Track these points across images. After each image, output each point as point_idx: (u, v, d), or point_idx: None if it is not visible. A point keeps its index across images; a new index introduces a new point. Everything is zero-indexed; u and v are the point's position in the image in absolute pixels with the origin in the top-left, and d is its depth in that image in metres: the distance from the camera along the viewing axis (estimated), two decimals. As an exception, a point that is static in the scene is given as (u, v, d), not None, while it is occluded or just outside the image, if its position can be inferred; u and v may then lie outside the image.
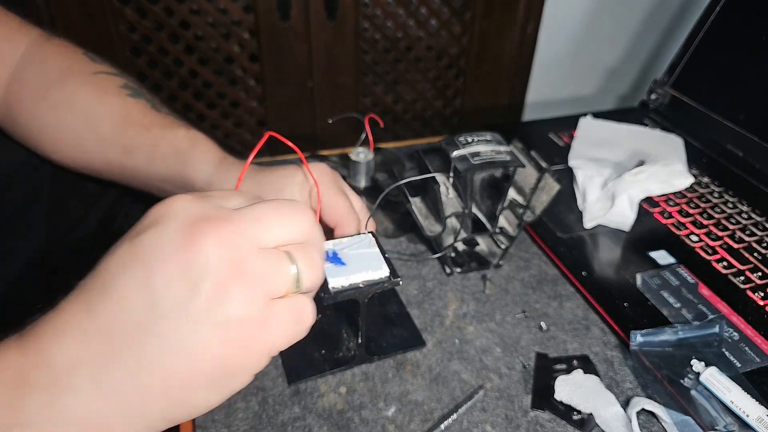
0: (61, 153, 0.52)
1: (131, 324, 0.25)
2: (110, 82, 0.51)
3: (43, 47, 0.51)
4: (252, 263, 0.26)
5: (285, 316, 0.28)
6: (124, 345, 0.25)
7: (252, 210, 0.28)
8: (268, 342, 0.27)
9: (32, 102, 0.50)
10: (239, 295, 0.25)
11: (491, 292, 0.53)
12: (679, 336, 0.46)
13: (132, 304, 0.25)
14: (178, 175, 0.48)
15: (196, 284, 0.25)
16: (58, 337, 0.25)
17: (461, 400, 0.43)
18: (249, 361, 0.27)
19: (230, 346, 0.26)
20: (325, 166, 0.46)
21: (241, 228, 0.26)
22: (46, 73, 0.50)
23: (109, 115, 0.50)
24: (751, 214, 0.62)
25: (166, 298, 0.25)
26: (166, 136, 0.49)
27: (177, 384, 0.26)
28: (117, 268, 0.26)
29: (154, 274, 0.25)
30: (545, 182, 0.50)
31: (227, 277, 0.25)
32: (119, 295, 0.25)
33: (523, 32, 1.22)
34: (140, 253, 0.25)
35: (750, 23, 0.71)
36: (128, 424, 0.26)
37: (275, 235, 0.28)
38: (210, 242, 0.25)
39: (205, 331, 0.25)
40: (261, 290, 0.26)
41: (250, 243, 0.27)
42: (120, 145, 0.49)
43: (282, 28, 1.07)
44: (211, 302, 0.25)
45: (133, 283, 0.25)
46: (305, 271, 0.28)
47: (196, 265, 0.25)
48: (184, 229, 0.26)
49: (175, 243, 0.25)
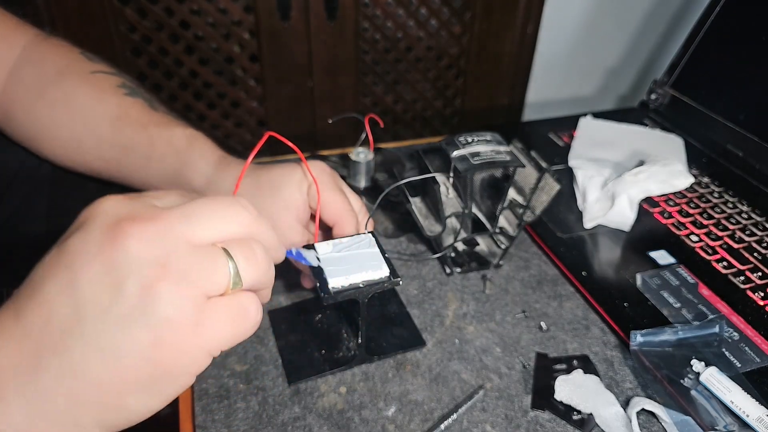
0: (59, 152, 0.52)
1: (56, 329, 0.24)
2: (107, 81, 0.51)
3: (40, 47, 0.51)
4: (181, 261, 0.25)
5: (224, 315, 0.27)
6: (51, 351, 0.24)
7: (184, 207, 0.27)
8: (205, 342, 0.26)
9: (29, 101, 0.50)
10: (167, 294, 0.25)
11: (491, 292, 0.53)
12: (679, 336, 0.46)
13: (57, 309, 0.24)
14: (176, 175, 0.48)
15: (120, 285, 0.24)
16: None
17: (461, 400, 0.43)
18: (185, 363, 0.26)
19: (162, 349, 0.25)
20: (323, 164, 0.46)
21: (168, 225, 0.26)
22: (42, 72, 0.50)
23: (106, 114, 0.49)
24: (751, 214, 0.62)
25: (90, 300, 0.24)
26: (163, 135, 0.49)
27: (107, 389, 0.25)
28: (44, 273, 0.25)
29: (78, 277, 0.24)
30: (545, 182, 0.50)
31: (153, 276, 0.24)
32: (44, 300, 0.25)
33: (523, 32, 1.22)
34: (65, 256, 0.25)
35: (750, 23, 0.71)
36: (60, 431, 0.25)
37: (209, 231, 0.27)
38: (133, 241, 0.25)
39: (133, 333, 0.24)
40: (192, 288, 0.25)
41: (178, 240, 0.26)
42: (117, 144, 0.49)
43: (282, 28, 1.07)
44: (137, 304, 0.24)
45: (57, 288, 0.25)
46: (245, 266, 0.27)
47: (120, 265, 0.24)
48: (107, 229, 0.25)
49: (97, 244, 0.25)
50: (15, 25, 0.51)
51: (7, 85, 0.50)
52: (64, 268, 0.25)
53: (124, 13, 1.01)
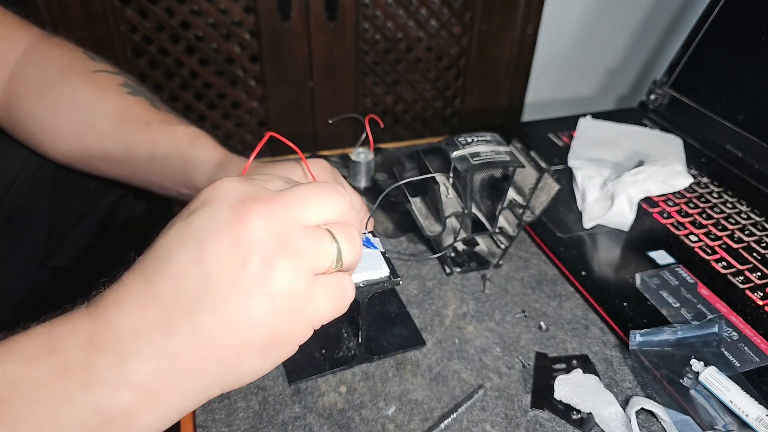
0: (62, 150, 0.52)
1: (186, 295, 0.26)
2: (110, 80, 0.51)
3: (42, 46, 0.51)
4: (297, 239, 0.28)
5: (328, 291, 0.30)
6: (180, 314, 0.26)
7: (294, 191, 0.30)
8: (312, 314, 0.29)
9: (32, 99, 0.50)
10: (285, 268, 0.27)
11: (491, 292, 0.53)
12: (679, 336, 0.46)
13: (186, 277, 0.27)
14: (178, 172, 0.49)
15: (245, 258, 0.27)
16: (121, 306, 0.27)
17: (461, 400, 0.43)
18: (295, 332, 0.29)
19: (278, 317, 0.27)
20: (323, 162, 0.46)
21: (285, 207, 0.28)
22: (45, 70, 0.50)
23: (108, 112, 0.50)
24: (750, 214, 0.62)
25: (218, 271, 0.26)
26: (165, 133, 0.49)
27: (230, 352, 0.27)
28: (172, 244, 0.28)
29: (206, 249, 0.27)
30: (545, 182, 0.50)
31: (274, 251, 0.27)
32: (174, 268, 0.27)
33: (523, 33, 1.23)
34: (193, 229, 0.27)
35: (749, 24, 0.71)
36: (185, 387, 0.27)
37: (316, 214, 0.30)
38: (258, 219, 0.27)
39: (255, 302, 0.27)
40: (306, 264, 0.28)
41: (294, 221, 0.28)
42: (120, 142, 0.50)
43: (282, 28, 1.07)
44: (259, 275, 0.27)
45: (187, 258, 0.27)
46: (346, 248, 0.30)
47: (245, 240, 0.27)
48: (233, 207, 0.27)
49: (225, 220, 0.27)
50: (17, 24, 0.51)
51: (10, 83, 0.50)
52: (193, 240, 0.27)
53: (125, 14, 1.02)
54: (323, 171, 0.45)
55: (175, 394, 0.27)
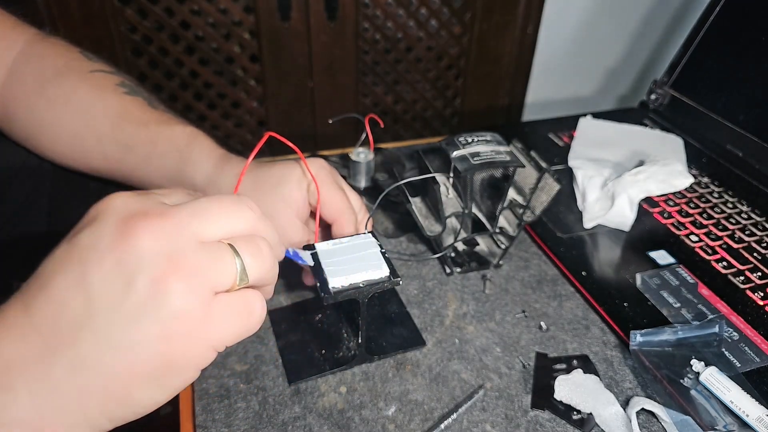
0: (60, 150, 0.52)
1: (67, 322, 0.25)
2: (107, 80, 0.51)
3: (39, 46, 0.51)
4: (191, 257, 0.26)
5: (230, 310, 0.27)
6: (60, 344, 0.25)
7: (192, 204, 0.28)
8: (211, 336, 0.27)
9: (29, 100, 0.50)
10: (177, 289, 0.25)
11: (491, 292, 0.53)
12: (679, 336, 0.46)
13: (67, 303, 0.25)
14: (176, 172, 0.48)
15: (131, 280, 0.25)
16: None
17: (461, 400, 0.43)
18: (192, 357, 0.27)
19: (170, 342, 0.26)
20: (323, 161, 0.46)
21: (178, 222, 0.26)
22: (42, 70, 0.50)
23: (106, 112, 0.50)
24: (750, 214, 0.62)
25: (102, 295, 0.25)
26: (163, 133, 0.49)
27: (116, 382, 0.25)
28: (54, 267, 0.26)
29: (89, 271, 0.25)
30: (545, 182, 0.50)
31: (164, 271, 0.25)
32: (55, 294, 0.25)
33: (523, 32, 1.23)
34: (76, 251, 0.26)
35: (750, 24, 0.71)
36: (69, 424, 0.26)
37: (216, 228, 0.28)
38: (144, 237, 0.25)
39: (143, 327, 0.25)
40: (201, 284, 0.26)
41: (188, 236, 0.26)
42: (118, 142, 0.49)
43: (282, 28, 1.07)
44: (147, 298, 0.25)
45: (68, 282, 0.25)
46: (251, 263, 0.28)
47: (131, 260, 0.25)
48: (118, 225, 0.25)
49: (109, 239, 0.25)
50: (14, 24, 0.51)
51: (7, 84, 0.50)
52: (75, 262, 0.25)
53: (125, 14, 1.01)
54: (322, 170, 0.45)
55: (60, 429, 0.25)
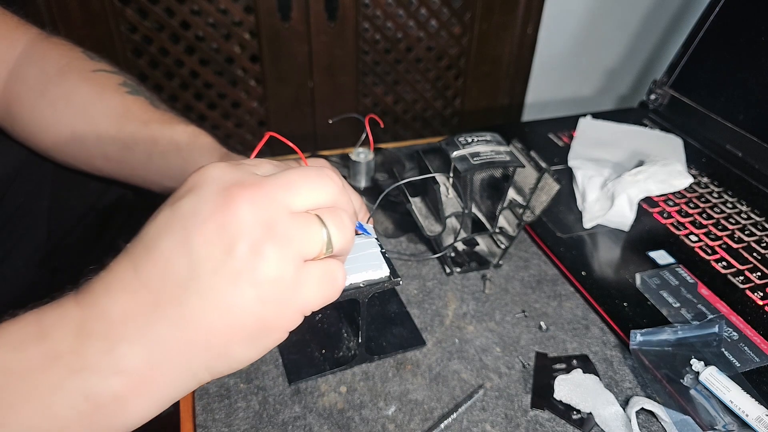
0: (61, 150, 0.52)
1: (173, 282, 0.26)
2: (109, 79, 0.51)
3: (41, 45, 0.51)
4: (284, 225, 0.28)
5: (317, 278, 0.29)
6: (167, 301, 0.26)
7: (282, 176, 0.29)
8: (300, 301, 0.29)
9: (31, 99, 0.50)
10: (273, 255, 0.27)
11: (491, 292, 0.53)
12: (679, 335, 0.46)
13: (173, 264, 0.26)
14: (178, 171, 0.49)
15: (231, 245, 0.26)
16: (110, 293, 0.27)
17: (461, 400, 0.43)
18: (284, 319, 0.29)
19: (266, 304, 0.27)
20: (323, 161, 0.46)
21: (272, 192, 0.28)
22: (44, 70, 0.50)
23: (107, 111, 0.50)
24: (750, 214, 0.62)
25: (204, 258, 0.26)
26: (165, 132, 0.49)
27: (217, 338, 0.27)
28: (158, 230, 0.27)
29: (192, 236, 0.26)
30: (545, 182, 0.50)
31: (261, 238, 0.27)
32: (161, 255, 0.27)
33: (523, 33, 1.23)
34: (179, 216, 0.27)
35: (750, 24, 0.71)
36: (175, 372, 0.27)
37: (305, 199, 0.29)
38: (244, 205, 0.27)
39: (242, 289, 0.27)
40: (294, 251, 0.28)
41: (281, 207, 0.28)
42: (119, 141, 0.50)
43: (282, 28, 1.07)
44: (246, 262, 0.26)
45: (173, 245, 0.27)
46: (336, 233, 0.30)
47: (231, 227, 0.26)
48: (219, 193, 0.27)
49: (211, 207, 0.27)
50: (16, 24, 0.51)
51: (9, 83, 0.50)
52: (178, 227, 0.27)
53: (125, 14, 1.02)
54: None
55: (166, 379, 0.27)
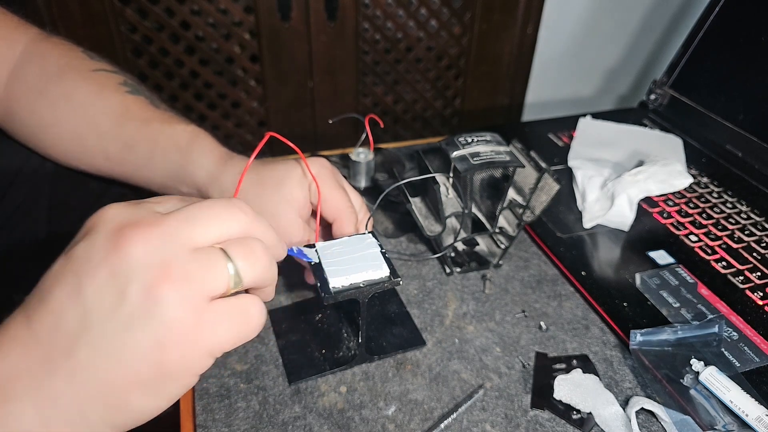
0: (61, 150, 0.52)
1: (64, 333, 0.25)
2: (109, 79, 0.51)
3: (41, 45, 0.51)
4: (182, 264, 0.26)
5: (225, 316, 0.27)
6: (59, 354, 0.25)
7: (183, 211, 0.28)
8: (207, 343, 0.27)
9: (31, 99, 0.50)
10: (170, 297, 0.25)
11: (491, 292, 0.53)
12: (679, 335, 0.46)
13: (65, 314, 0.25)
14: (178, 171, 0.48)
15: (123, 289, 0.25)
16: (1, 349, 0.26)
17: (461, 400, 0.43)
18: (188, 363, 0.27)
19: (165, 350, 0.26)
20: (324, 161, 0.46)
21: (169, 229, 0.26)
22: (44, 70, 0.50)
23: (108, 111, 0.50)
24: (750, 214, 0.62)
25: (96, 305, 0.25)
26: (165, 131, 0.49)
27: (113, 390, 0.26)
28: (52, 280, 0.27)
29: (83, 283, 0.25)
30: (545, 182, 0.50)
31: (155, 279, 0.25)
32: (53, 305, 0.26)
33: (523, 33, 1.23)
34: (71, 263, 0.26)
35: (750, 24, 0.71)
36: (71, 430, 0.26)
37: (208, 233, 0.28)
38: (135, 246, 0.25)
39: (137, 335, 0.25)
40: (194, 290, 0.26)
41: (179, 244, 0.26)
42: (120, 141, 0.50)
43: (282, 28, 1.07)
44: (140, 307, 0.25)
45: (65, 294, 0.26)
46: (244, 266, 0.28)
47: (123, 270, 0.25)
48: (110, 236, 0.26)
49: (102, 250, 0.26)
50: (16, 24, 0.51)
51: (10, 83, 0.50)
52: (71, 275, 0.26)
53: (125, 14, 1.02)
54: (323, 170, 0.45)
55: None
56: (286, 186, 0.45)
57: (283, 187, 0.45)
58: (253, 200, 0.45)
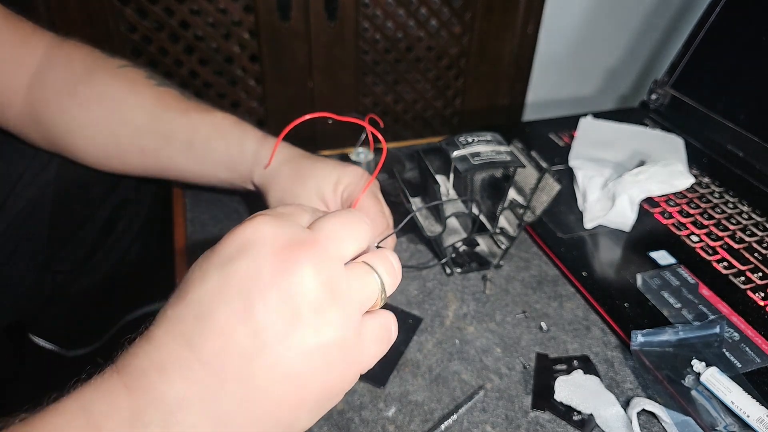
0: (94, 150, 0.52)
1: (235, 356, 0.25)
2: (137, 73, 0.52)
3: (62, 48, 0.51)
4: (344, 282, 0.27)
5: (375, 333, 0.28)
6: (231, 377, 0.25)
7: (326, 227, 0.28)
8: (362, 360, 0.28)
9: (59, 101, 0.50)
10: (336, 316, 0.26)
11: (491, 293, 0.53)
12: (680, 336, 0.45)
13: (234, 336, 0.25)
14: (222, 157, 0.50)
15: (297, 312, 0.25)
16: (164, 375, 0.25)
17: (461, 401, 0.43)
18: (346, 382, 0.28)
19: (332, 369, 0.26)
20: (360, 169, 0.48)
21: (325, 249, 0.27)
22: (71, 71, 0.50)
23: (142, 104, 0.50)
24: (751, 214, 0.62)
25: (269, 328, 0.25)
26: (205, 120, 0.51)
27: (285, 410, 0.26)
28: (212, 298, 0.25)
29: (253, 305, 0.25)
30: (545, 182, 0.50)
31: (325, 300, 0.26)
32: (219, 328, 0.25)
33: (523, 32, 1.22)
34: (235, 282, 0.25)
35: (750, 23, 0.71)
36: None
37: (352, 247, 0.29)
38: (306, 268, 0.26)
39: (312, 356, 0.26)
40: (355, 308, 0.27)
41: (337, 262, 0.27)
42: (157, 133, 0.50)
43: (282, 28, 1.07)
44: (313, 327, 0.25)
45: (232, 315, 0.25)
46: (388, 278, 0.29)
47: (295, 292, 0.25)
48: (277, 255, 0.26)
49: (271, 271, 0.25)
50: (32, 30, 0.51)
51: (32, 88, 0.50)
52: (236, 294, 0.25)
53: (124, 13, 1.01)
54: (363, 180, 0.48)
55: None
56: (320, 185, 0.47)
57: (318, 185, 0.47)
58: (286, 192, 0.48)
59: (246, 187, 0.53)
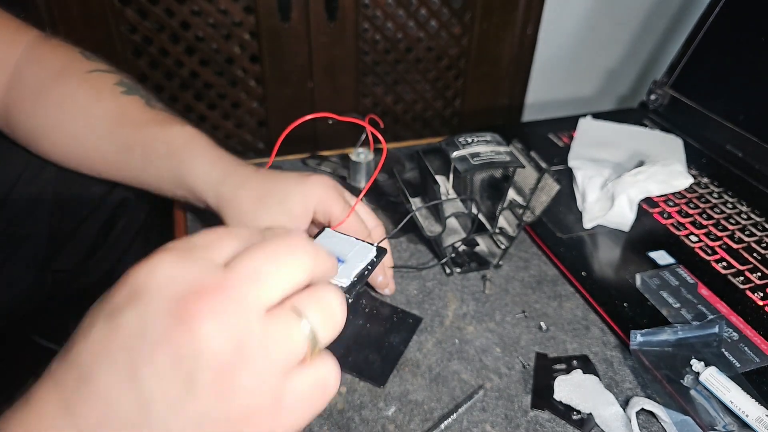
0: (61, 153, 0.52)
1: (119, 425, 0.21)
2: (105, 80, 0.51)
3: (39, 48, 0.51)
4: (257, 339, 0.22)
5: (303, 392, 0.23)
6: None
7: (245, 266, 0.23)
8: (286, 424, 0.23)
9: (30, 103, 0.50)
10: (247, 380, 0.21)
11: (491, 292, 0.53)
12: (679, 336, 0.46)
13: (117, 402, 0.21)
14: (173, 174, 0.49)
15: (192, 378, 0.21)
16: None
17: (461, 400, 0.43)
18: None
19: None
20: (327, 179, 0.47)
21: (237, 294, 0.22)
22: (42, 73, 0.50)
23: (104, 114, 0.50)
24: (750, 214, 0.62)
25: (158, 395, 0.21)
26: (159, 135, 0.49)
27: None
28: (94, 356, 0.21)
29: (140, 367, 0.21)
30: (545, 182, 0.50)
31: (230, 364, 0.21)
32: (102, 392, 0.21)
33: (523, 33, 1.22)
34: (121, 338, 0.21)
35: (750, 24, 0.71)
36: None
37: (277, 289, 0.23)
38: (202, 323, 0.21)
39: (208, 429, 0.21)
40: (273, 371, 0.22)
41: (251, 311, 0.22)
42: (116, 144, 0.50)
43: (282, 29, 1.07)
44: (213, 397, 0.21)
45: (116, 376, 0.21)
46: (321, 324, 0.24)
47: (191, 354, 0.21)
48: (170, 307, 0.21)
49: (161, 327, 0.21)
50: (16, 27, 0.51)
51: (10, 87, 0.50)
52: (121, 353, 0.21)
53: (125, 14, 1.01)
54: (330, 191, 0.47)
55: None
56: (288, 203, 0.46)
57: (285, 204, 0.46)
58: (247, 215, 0.46)
59: (206, 208, 0.49)
